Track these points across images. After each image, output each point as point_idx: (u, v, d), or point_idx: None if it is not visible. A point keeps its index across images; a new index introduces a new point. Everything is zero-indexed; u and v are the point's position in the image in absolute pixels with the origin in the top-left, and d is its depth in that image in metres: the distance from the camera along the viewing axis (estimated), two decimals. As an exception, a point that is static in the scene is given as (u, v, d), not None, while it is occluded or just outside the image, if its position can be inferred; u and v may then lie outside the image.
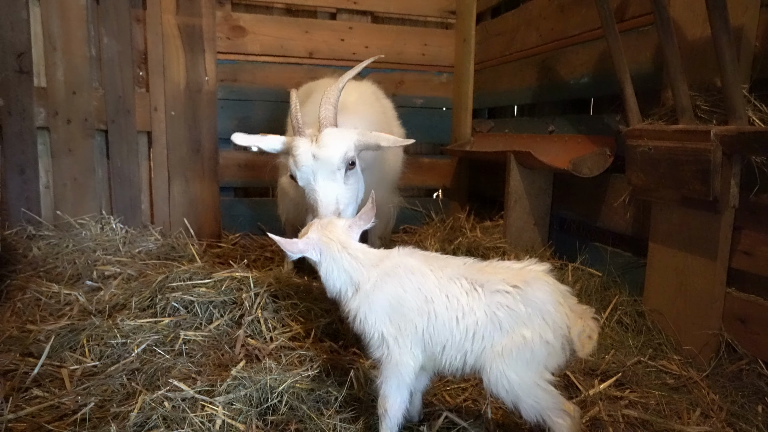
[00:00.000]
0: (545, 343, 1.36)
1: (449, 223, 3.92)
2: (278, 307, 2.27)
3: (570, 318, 1.39)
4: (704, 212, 1.91)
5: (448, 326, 1.41)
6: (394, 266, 1.50)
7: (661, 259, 2.16)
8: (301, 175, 1.83)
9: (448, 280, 1.45)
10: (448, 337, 1.42)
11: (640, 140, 2.06)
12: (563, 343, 1.39)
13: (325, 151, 1.78)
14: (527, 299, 1.37)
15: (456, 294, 1.43)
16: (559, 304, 1.39)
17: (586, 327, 1.39)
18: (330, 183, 1.79)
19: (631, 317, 2.26)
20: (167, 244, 3.45)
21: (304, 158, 1.79)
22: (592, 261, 2.65)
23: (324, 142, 1.78)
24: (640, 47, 2.34)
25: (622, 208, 2.41)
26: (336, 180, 1.79)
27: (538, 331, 1.35)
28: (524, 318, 1.37)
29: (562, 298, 1.42)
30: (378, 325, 1.46)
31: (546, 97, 3.15)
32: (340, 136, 1.82)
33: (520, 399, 1.35)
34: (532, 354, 1.35)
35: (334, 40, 3.91)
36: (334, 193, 1.78)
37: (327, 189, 1.78)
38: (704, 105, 1.88)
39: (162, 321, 2.23)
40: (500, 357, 1.36)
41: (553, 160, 2.59)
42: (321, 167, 1.78)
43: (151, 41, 3.59)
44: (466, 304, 1.41)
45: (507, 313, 1.38)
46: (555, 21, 2.99)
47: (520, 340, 1.35)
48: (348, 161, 1.82)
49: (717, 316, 1.91)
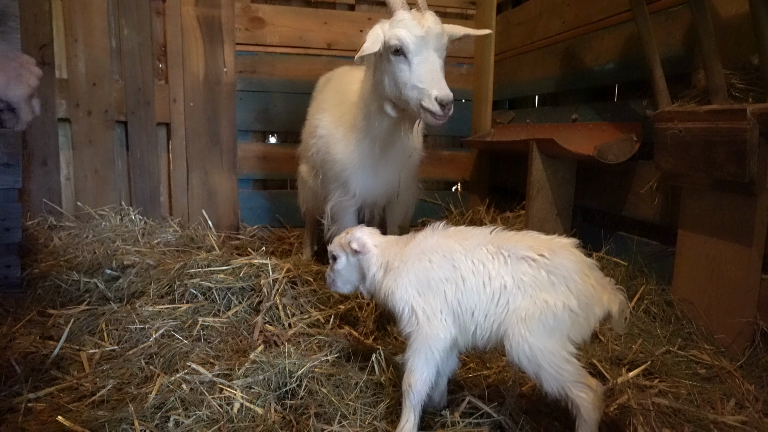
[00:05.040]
0: (569, 311, 1.34)
1: (468, 215, 3.87)
2: (297, 293, 2.24)
3: (596, 290, 1.37)
4: (738, 196, 1.83)
5: (476, 290, 1.41)
6: (419, 243, 1.53)
7: (692, 246, 2.09)
8: (415, 47, 1.90)
9: (475, 246, 1.46)
10: (476, 301, 1.42)
11: (670, 123, 1.99)
12: (588, 315, 1.36)
13: (437, 27, 1.91)
14: (553, 267, 1.36)
15: (482, 259, 1.43)
16: (585, 275, 1.37)
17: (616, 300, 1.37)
18: (438, 59, 1.91)
19: (659, 307, 2.19)
20: (186, 236, 3.45)
21: (420, 31, 1.89)
22: (617, 251, 2.58)
23: (433, 19, 1.93)
24: (670, 29, 2.27)
25: (650, 196, 2.34)
26: (442, 57, 1.93)
27: (561, 298, 1.34)
28: (548, 285, 1.35)
29: (588, 270, 1.40)
30: (407, 298, 1.48)
31: (569, 86, 3.08)
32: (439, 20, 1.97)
33: (542, 368, 1.33)
34: (555, 321, 1.34)
35: (353, 32, 3.88)
36: (441, 67, 1.90)
37: (438, 62, 1.92)
38: (739, 84, 1.81)
39: (180, 307, 2.22)
40: (523, 322, 1.34)
41: (578, 148, 2.53)
42: (434, 40, 1.90)
43: (170, 33, 3.60)
44: (493, 268, 1.41)
45: (532, 279, 1.37)
46: (579, 7, 2.92)
47: (542, 306, 1.34)
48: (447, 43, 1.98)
49: (752, 304, 1.84)
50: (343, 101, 2.51)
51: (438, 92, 1.82)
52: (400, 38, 1.92)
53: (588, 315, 1.34)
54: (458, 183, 4.32)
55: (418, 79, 1.90)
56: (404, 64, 1.94)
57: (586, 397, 1.31)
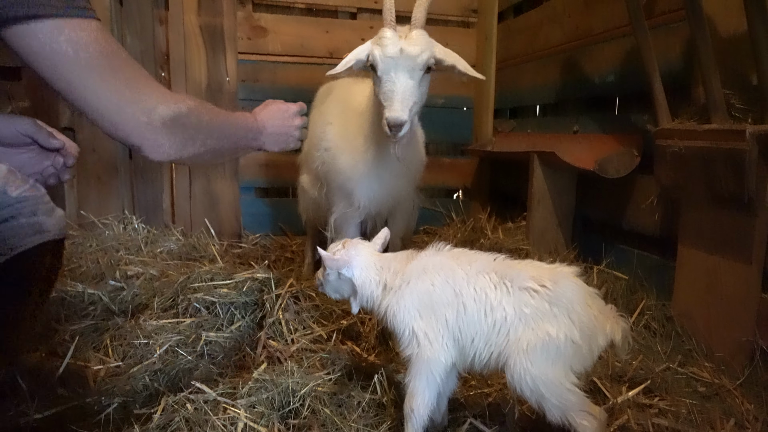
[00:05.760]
0: (572, 342, 1.34)
1: (470, 223, 3.88)
2: (299, 308, 2.26)
3: (598, 320, 1.38)
4: (738, 213, 1.85)
5: (477, 318, 1.42)
6: (421, 264, 1.52)
7: (691, 261, 2.10)
8: (383, 66, 1.93)
9: (477, 273, 1.46)
10: (477, 329, 1.42)
11: (670, 140, 2.01)
12: (591, 346, 1.37)
13: (413, 49, 1.89)
14: (555, 298, 1.36)
15: (484, 287, 1.43)
16: (587, 306, 1.38)
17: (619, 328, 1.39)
18: (408, 80, 1.90)
19: (659, 322, 2.20)
20: (188, 244, 3.47)
21: (392, 50, 1.90)
22: (617, 263, 2.59)
23: (415, 39, 1.90)
24: (670, 44, 2.28)
25: (650, 209, 2.35)
26: (413, 78, 1.90)
27: (564, 330, 1.34)
28: (551, 317, 1.35)
29: (591, 299, 1.41)
30: (408, 321, 1.48)
31: (570, 96, 3.09)
32: (428, 39, 1.94)
33: (544, 398, 1.34)
34: (557, 352, 1.34)
35: (354, 40, 3.87)
36: (410, 89, 1.89)
37: (405, 84, 1.90)
38: (738, 103, 1.82)
39: (184, 321, 2.24)
40: (524, 353, 1.35)
41: (578, 161, 2.54)
42: (405, 62, 1.89)
43: (173, 41, 3.61)
44: (495, 298, 1.41)
45: (534, 310, 1.37)
46: (579, 18, 2.93)
47: (545, 337, 1.34)
48: (427, 65, 1.93)
49: (751, 322, 1.85)
50: (347, 112, 2.52)
51: (388, 113, 1.85)
52: (373, 56, 1.98)
53: (591, 345, 1.35)
54: (459, 190, 4.33)
55: (382, 96, 1.96)
56: (377, 80, 2.00)
57: (589, 425, 1.32)
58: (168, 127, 1.23)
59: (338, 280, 1.57)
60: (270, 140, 1.70)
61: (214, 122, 1.41)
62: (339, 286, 1.58)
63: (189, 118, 1.29)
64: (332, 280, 1.57)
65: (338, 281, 1.57)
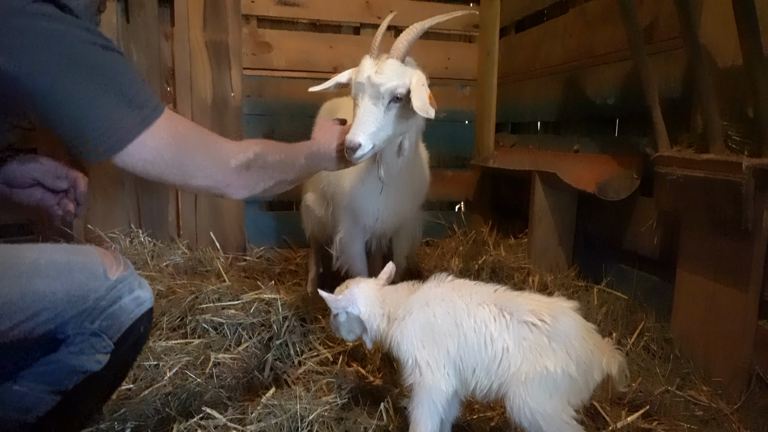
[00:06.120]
0: (568, 376, 1.39)
1: (472, 236, 3.93)
2: (306, 330, 2.30)
3: (595, 354, 1.43)
4: (735, 240, 1.89)
5: (477, 349, 1.46)
6: (424, 295, 1.58)
7: (690, 285, 2.15)
8: (354, 90, 2.00)
9: (477, 305, 1.51)
10: (478, 360, 1.47)
11: (669, 167, 2.05)
12: (587, 379, 1.42)
13: (378, 78, 1.91)
14: (553, 333, 1.41)
15: (485, 319, 1.48)
16: (584, 341, 1.43)
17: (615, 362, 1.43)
18: (371, 106, 1.93)
19: (658, 343, 2.24)
20: (194, 258, 3.52)
21: (361, 77, 1.95)
22: (618, 282, 2.63)
23: (383, 70, 1.92)
24: (670, 70, 2.32)
25: (650, 231, 2.39)
26: (377, 106, 1.93)
27: (561, 364, 1.39)
28: (549, 351, 1.40)
29: (588, 335, 1.45)
30: (411, 350, 1.53)
31: (571, 114, 3.13)
32: (398, 71, 1.94)
33: (542, 430, 1.38)
34: (554, 386, 1.39)
35: (358, 55, 3.84)
36: (372, 115, 1.92)
37: (367, 110, 1.93)
38: (735, 135, 1.86)
39: (192, 342, 2.29)
40: (523, 385, 1.40)
41: (579, 181, 2.58)
42: (370, 89, 1.93)
43: (178, 57, 3.65)
44: (495, 329, 1.46)
45: (533, 343, 1.42)
46: (581, 38, 2.97)
47: (543, 371, 1.39)
48: (394, 96, 1.94)
49: (748, 348, 1.89)
50: None
51: (348, 136, 1.87)
52: (350, 80, 2.04)
53: (587, 379, 1.40)
54: (461, 202, 4.38)
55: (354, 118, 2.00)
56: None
57: (587, 457, 1.37)
58: (241, 173, 1.41)
59: (348, 320, 1.62)
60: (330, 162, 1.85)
61: (279, 158, 1.55)
62: (349, 325, 1.64)
63: (257, 161, 1.45)
64: (342, 321, 1.63)
65: (348, 321, 1.63)
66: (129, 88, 1.22)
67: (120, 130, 1.18)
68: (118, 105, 1.19)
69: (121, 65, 1.23)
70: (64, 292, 1.22)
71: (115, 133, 1.18)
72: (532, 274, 2.79)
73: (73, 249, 1.35)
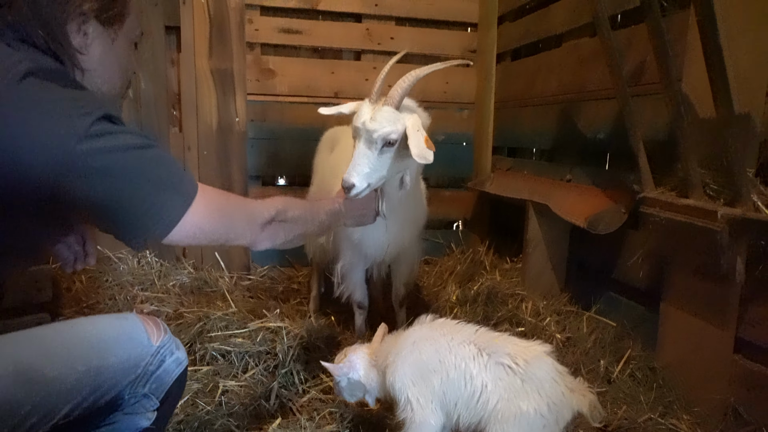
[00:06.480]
0: (540, 416, 1.54)
1: (469, 255, 4.05)
2: (309, 358, 2.43)
3: (566, 396, 1.58)
4: (714, 282, 2.01)
5: (458, 385, 1.61)
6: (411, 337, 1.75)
7: (673, 318, 2.27)
8: (352, 131, 2.15)
9: (459, 344, 1.66)
10: (459, 395, 1.62)
11: (654, 208, 2.17)
12: (557, 419, 1.57)
13: (372, 125, 2.03)
14: (527, 376, 1.56)
15: (465, 357, 1.63)
16: (555, 383, 1.58)
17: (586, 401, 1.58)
18: (365, 149, 2.07)
19: (644, 372, 2.37)
20: (200, 278, 3.65)
21: (358, 122, 2.08)
22: (607, 310, 2.76)
23: (377, 117, 2.03)
24: (657, 112, 2.43)
25: (636, 265, 2.51)
26: (371, 150, 2.06)
27: (534, 405, 1.54)
28: (522, 392, 1.55)
29: (559, 377, 1.60)
30: (404, 389, 1.68)
31: (564, 145, 3.25)
32: (391, 119, 2.04)
33: None
34: (528, 425, 1.54)
35: (359, 80, 4.05)
36: (366, 158, 2.06)
37: (362, 152, 2.07)
38: (713, 183, 1.98)
39: (201, 369, 2.41)
40: (499, 423, 1.55)
41: (570, 214, 2.70)
42: (365, 134, 2.06)
43: (184, 83, 3.78)
44: (474, 368, 1.61)
45: (508, 384, 1.57)
46: (573, 73, 3.09)
47: (517, 411, 1.54)
48: (386, 141, 2.07)
49: (725, 381, 2.02)
50: None
51: (344, 176, 2.02)
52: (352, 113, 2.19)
53: (557, 418, 1.56)
54: (459, 221, 4.50)
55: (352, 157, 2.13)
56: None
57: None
58: (266, 227, 1.55)
59: (350, 385, 1.78)
60: (350, 220, 2.05)
61: (299, 214, 1.70)
62: (352, 389, 1.80)
63: (278, 217, 1.59)
64: (345, 386, 1.79)
65: (350, 385, 1.79)
66: (172, 177, 1.30)
67: (166, 217, 1.26)
68: (165, 196, 1.27)
69: (163, 158, 1.31)
70: (119, 364, 1.34)
71: (162, 221, 1.26)
72: (526, 300, 2.91)
73: (120, 320, 1.45)
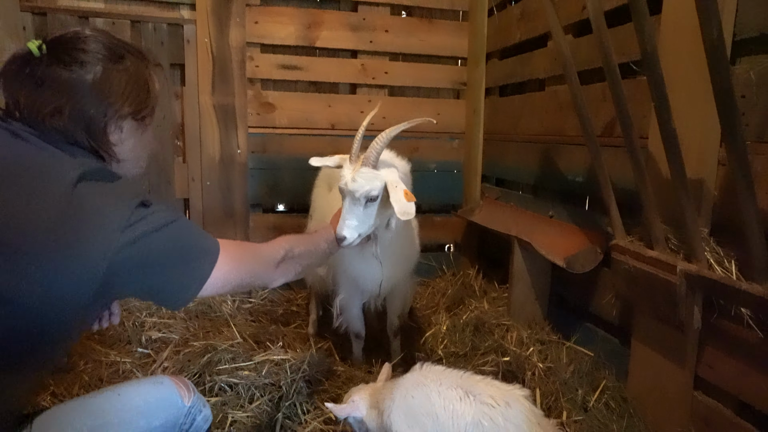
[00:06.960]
0: None
1: (460, 278, 4.29)
2: (311, 391, 2.64)
3: None
4: (674, 327, 2.23)
5: (447, 425, 1.81)
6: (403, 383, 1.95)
7: (642, 355, 2.50)
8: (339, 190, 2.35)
9: (446, 388, 1.87)
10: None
11: (623, 256, 2.39)
12: None
13: (353, 186, 2.25)
14: (508, 417, 1.77)
15: (452, 399, 1.83)
16: (532, 423, 1.79)
17: None
18: (351, 206, 2.28)
19: (617, 401, 2.59)
20: (204, 303, 3.85)
21: (341, 183, 2.31)
22: (585, 340, 2.98)
23: (357, 178, 2.24)
24: (625, 164, 2.63)
25: (610, 303, 2.74)
26: (356, 205, 2.28)
27: None
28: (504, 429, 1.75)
29: (536, 419, 1.82)
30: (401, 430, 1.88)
31: (547, 183, 3.47)
32: (370, 178, 2.25)
33: None
34: None
35: (354, 113, 4.27)
36: (353, 213, 2.27)
37: (350, 209, 2.28)
38: (674, 238, 2.20)
39: (210, 400, 2.61)
40: None
41: (550, 252, 2.92)
42: (349, 194, 2.28)
43: (188, 116, 3.98)
44: (460, 408, 1.81)
45: (490, 424, 1.77)
46: (554, 117, 3.31)
47: None
48: (369, 198, 2.28)
49: (687, 415, 2.24)
50: None
51: (336, 229, 2.22)
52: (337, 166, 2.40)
53: None
54: (450, 245, 4.73)
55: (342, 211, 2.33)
56: None
57: None
58: (279, 266, 1.75)
59: (357, 423, 1.98)
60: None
61: (305, 249, 1.90)
62: (359, 428, 2.00)
63: (288, 254, 1.78)
64: (352, 422, 1.99)
65: (357, 424, 1.99)
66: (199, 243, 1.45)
67: (198, 281, 1.41)
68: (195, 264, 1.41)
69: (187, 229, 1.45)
70: (161, 427, 1.53)
71: (194, 286, 1.41)
72: (511, 330, 3.14)
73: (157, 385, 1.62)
